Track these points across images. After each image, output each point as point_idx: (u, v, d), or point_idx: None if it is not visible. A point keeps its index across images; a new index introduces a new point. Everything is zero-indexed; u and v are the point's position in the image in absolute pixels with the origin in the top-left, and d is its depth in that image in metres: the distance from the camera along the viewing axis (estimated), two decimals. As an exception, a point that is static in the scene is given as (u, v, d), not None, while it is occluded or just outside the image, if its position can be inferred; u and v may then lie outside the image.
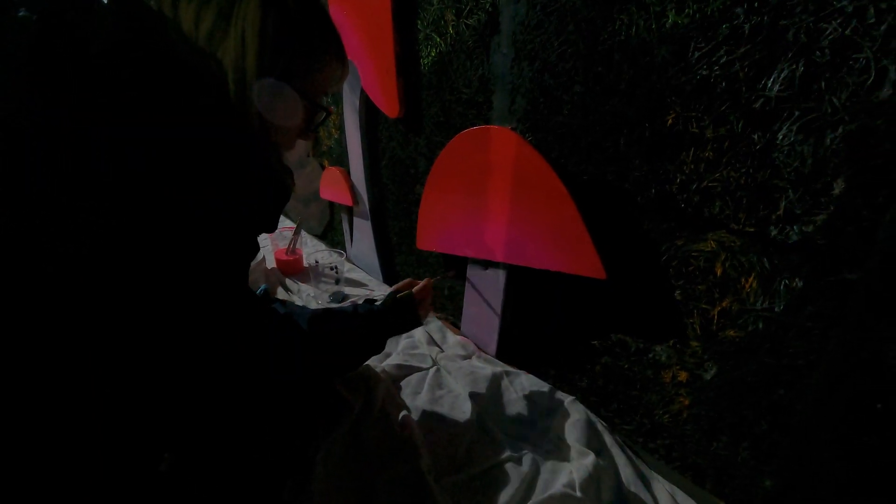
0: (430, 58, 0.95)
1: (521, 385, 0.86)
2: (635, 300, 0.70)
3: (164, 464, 0.48)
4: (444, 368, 0.91)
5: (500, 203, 0.84)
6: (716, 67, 0.53)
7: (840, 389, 0.50)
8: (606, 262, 0.70)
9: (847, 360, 0.49)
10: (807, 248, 0.51)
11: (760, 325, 0.57)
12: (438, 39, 0.91)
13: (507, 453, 0.71)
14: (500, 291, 0.91)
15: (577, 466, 0.66)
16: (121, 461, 0.46)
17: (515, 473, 0.67)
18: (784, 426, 0.57)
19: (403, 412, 0.75)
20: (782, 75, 0.49)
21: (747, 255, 0.56)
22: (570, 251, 0.74)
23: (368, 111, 1.20)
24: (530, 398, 0.82)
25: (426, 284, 0.86)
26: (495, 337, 0.96)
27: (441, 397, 0.83)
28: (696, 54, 0.55)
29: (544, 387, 0.84)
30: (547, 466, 0.69)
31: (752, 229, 0.55)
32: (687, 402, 0.67)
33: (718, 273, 0.59)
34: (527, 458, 0.70)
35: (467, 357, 0.96)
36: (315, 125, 0.58)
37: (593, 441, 0.73)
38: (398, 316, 0.80)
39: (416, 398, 0.83)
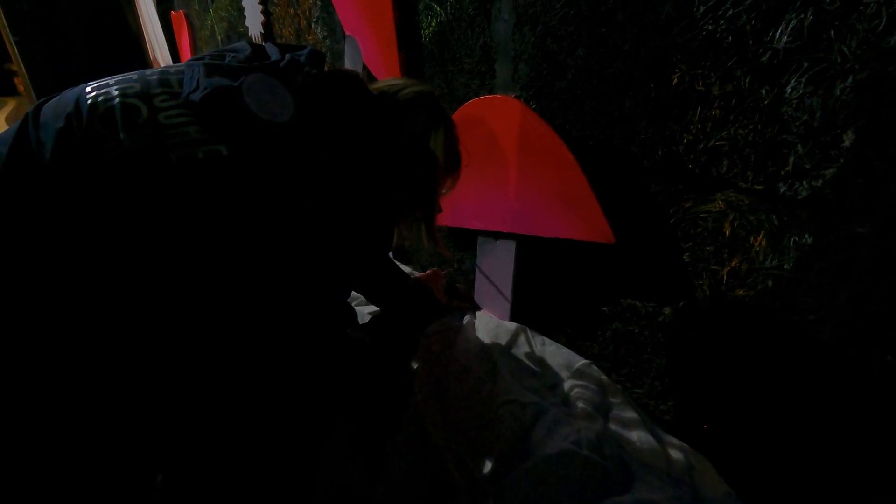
0: (431, 28, 0.93)
1: (542, 341, 0.88)
2: (644, 264, 0.70)
3: (160, 478, 0.47)
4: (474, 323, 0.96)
5: (507, 173, 0.83)
6: (722, 21, 0.52)
7: (849, 344, 0.51)
8: (615, 227, 0.70)
9: (857, 314, 0.49)
10: (816, 204, 0.50)
11: (770, 284, 0.56)
12: (438, 9, 0.89)
13: (511, 396, 0.73)
14: (510, 262, 0.92)
15: (585, 426, 0.67)
16: (120, 473, 0.46)
17: (515, 418, 0.70)
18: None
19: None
20: (790, 25, 0.47)
21: (756, 213, 0.55)
22: (579, 218, 0.73)
23: (372, 87, 1.19)
24: (546, 354, 0.84)
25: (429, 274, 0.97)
26: (507, 308, 0.96)
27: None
28: (702, 8, 0.53)
29: (562, 348, 0.86)
30: (549, 418, 0.69)
31: (760, 187, 0.54)
32: (697, 363, 0.67)
33: (727, 233, 0.59)
34: (531, 408, 0.71)
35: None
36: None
37: (604, 403, 0.74)
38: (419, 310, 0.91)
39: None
